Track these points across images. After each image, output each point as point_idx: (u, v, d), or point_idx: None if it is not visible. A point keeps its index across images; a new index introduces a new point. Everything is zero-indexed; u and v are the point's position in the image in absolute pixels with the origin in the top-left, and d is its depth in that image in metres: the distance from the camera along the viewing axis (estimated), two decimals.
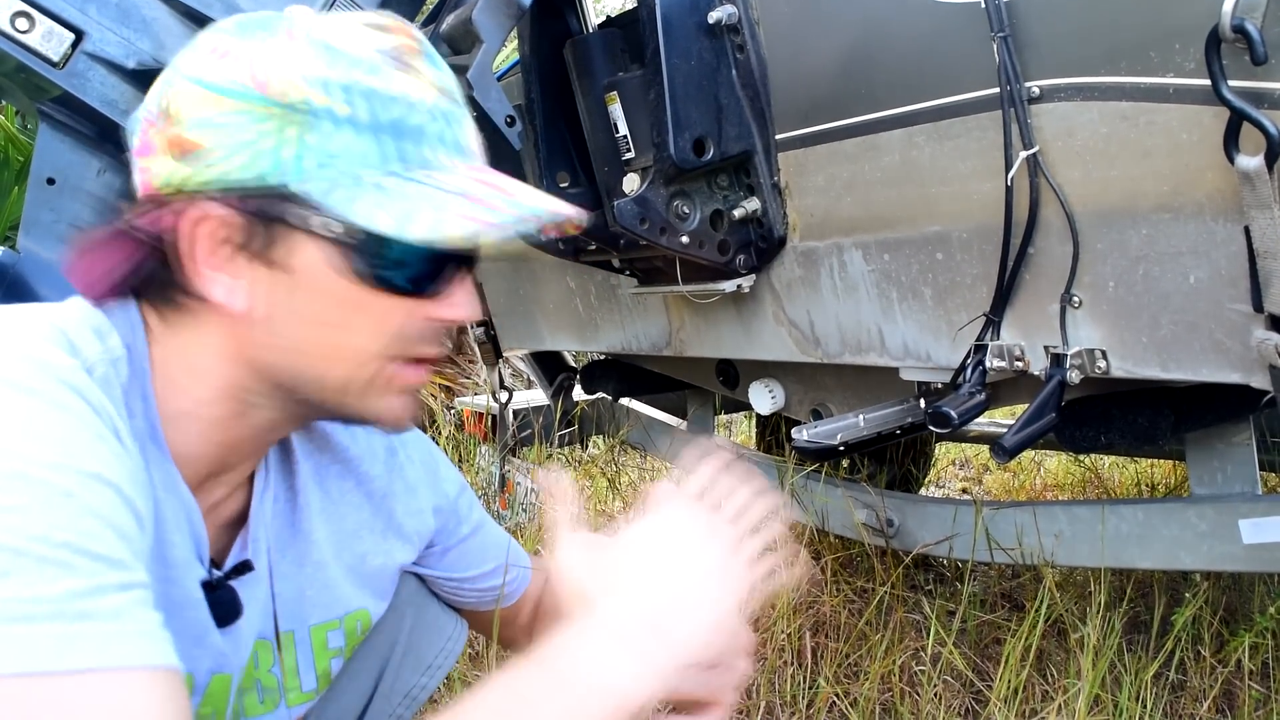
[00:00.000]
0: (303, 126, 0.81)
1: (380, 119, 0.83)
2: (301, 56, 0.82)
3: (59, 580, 0.65)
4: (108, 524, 0.70)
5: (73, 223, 1.49)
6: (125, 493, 0.73)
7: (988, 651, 2.22)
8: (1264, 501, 1.50)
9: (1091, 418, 1.60)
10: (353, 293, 0.85)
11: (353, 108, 0.82)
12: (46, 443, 0.70)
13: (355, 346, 0.88)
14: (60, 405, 0.73)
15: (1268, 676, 1.94)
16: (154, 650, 0.68)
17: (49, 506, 0.67)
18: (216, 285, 0.84)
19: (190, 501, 0.91)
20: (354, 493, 1.12)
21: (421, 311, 0.88)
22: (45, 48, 1.41)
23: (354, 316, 0.87)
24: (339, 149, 0.82)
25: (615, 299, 2.27)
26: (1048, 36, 1.29)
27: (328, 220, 0.82)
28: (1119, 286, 1.32)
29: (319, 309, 0.86)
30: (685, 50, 1.63)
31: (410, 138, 0.85)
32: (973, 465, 4.57)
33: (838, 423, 1.55)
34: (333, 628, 1.11)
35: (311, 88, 0.81)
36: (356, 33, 0.85)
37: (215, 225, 0.83)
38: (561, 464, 3.36)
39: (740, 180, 1.76)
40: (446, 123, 0.88)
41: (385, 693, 1.26)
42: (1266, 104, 1.09)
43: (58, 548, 0.66)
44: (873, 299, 1.65)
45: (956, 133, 1.42)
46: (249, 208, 0.82)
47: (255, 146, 0.81)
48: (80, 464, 0.71)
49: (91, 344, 0.83)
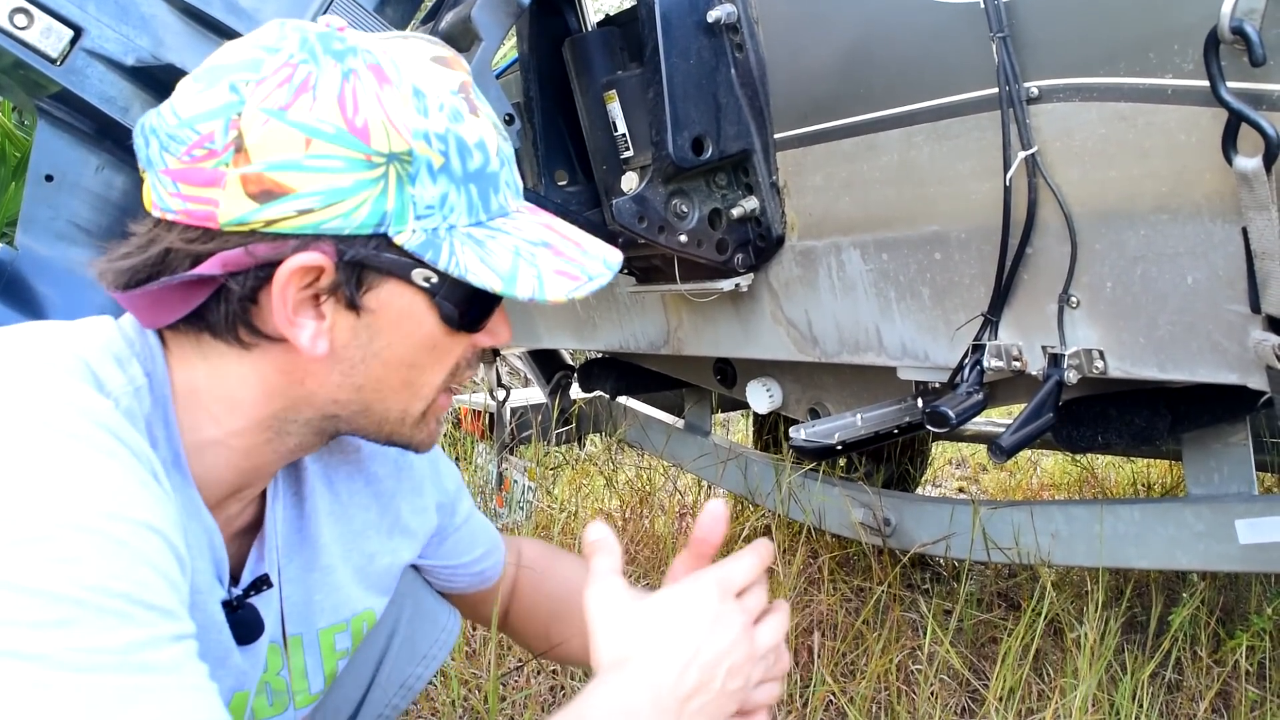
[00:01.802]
0: (404, 177, 0.81)
1: (468, 169, 0.85)
2: (397, 102, 0.81)
3: (119, 631, 0.65)
4: (160, 573, 0.70)
5: (71, 220, 1.49)
6: (171, 539, 0.73)
7: (984, 651, 2.22)
8: (1260, 502, 1.50)
9: (1089, 418, 1.60)
10: (436, 335, 0.89)
11: (447, 159, 0.83)
12: (99, 492, 0.69)
13: (426, 382, 0.92)
14: (108, 452, 0.73)
15: (1264, 677, 1.95)
16: (208, 706, 0.69)
17: (105, 556, 0.67)
18: (303, 331, 0.83)
19: (212, 525, 0.91)
20: (362, 493, 1.12)
21: (472, 342, 0.94)
22: (44, 44, 1.41)
23: (431, 355, 0.91)
24: (436, 200, 0.83)
25: (613, 297, 2.27)
26: (1047, 37, 1.29)
27: (427, 272, 0.85)
28: (1117, 287, 1.32)
29: (402, 351, 0.89)
30: (684, 49, 1.63)
31: (490, 185, 0.87)
32: (970, 464, 4.57)
33: (835, 422, 1.56)
34: (340, 630, 1.12)
35: (415, 140, 0.81)
36: (431, 72, 0.86)
37: (311, 274, 0.82)
38: (558, 461, 3.36)
39: (739, 179, 1.76)
40: (509, 167, 0.91)
41: (382, 683, 1.27)
42: (1265, 105, 1.09)
43: (116, 598, 0.66)
44: (871, 298, 1.65)
45: (955, 133, 1.42)
46: (348, 257, 0.82)
47: (356, 196, 0.80)
48: (132, 513, 0.70)
49: (114, 375, 0.83)
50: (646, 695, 0.81)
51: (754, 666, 0.90)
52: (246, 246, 0.80)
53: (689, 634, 0.86)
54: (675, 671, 0.83)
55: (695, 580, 0.91)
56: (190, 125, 0.80)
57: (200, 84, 0.81)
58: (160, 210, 0.83)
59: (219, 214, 0.80)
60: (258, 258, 0.80)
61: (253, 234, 0.80)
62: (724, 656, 0.87)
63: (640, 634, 0.86)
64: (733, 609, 0.90)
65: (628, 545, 2.55)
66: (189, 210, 0.81)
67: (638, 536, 2.60)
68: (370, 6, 1.53)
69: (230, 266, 0.80)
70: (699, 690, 0.84)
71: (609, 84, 1.74)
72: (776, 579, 2.22)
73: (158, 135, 0.82)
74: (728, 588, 0.91)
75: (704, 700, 0.84)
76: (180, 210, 0.81)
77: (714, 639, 0.87)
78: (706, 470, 2.58)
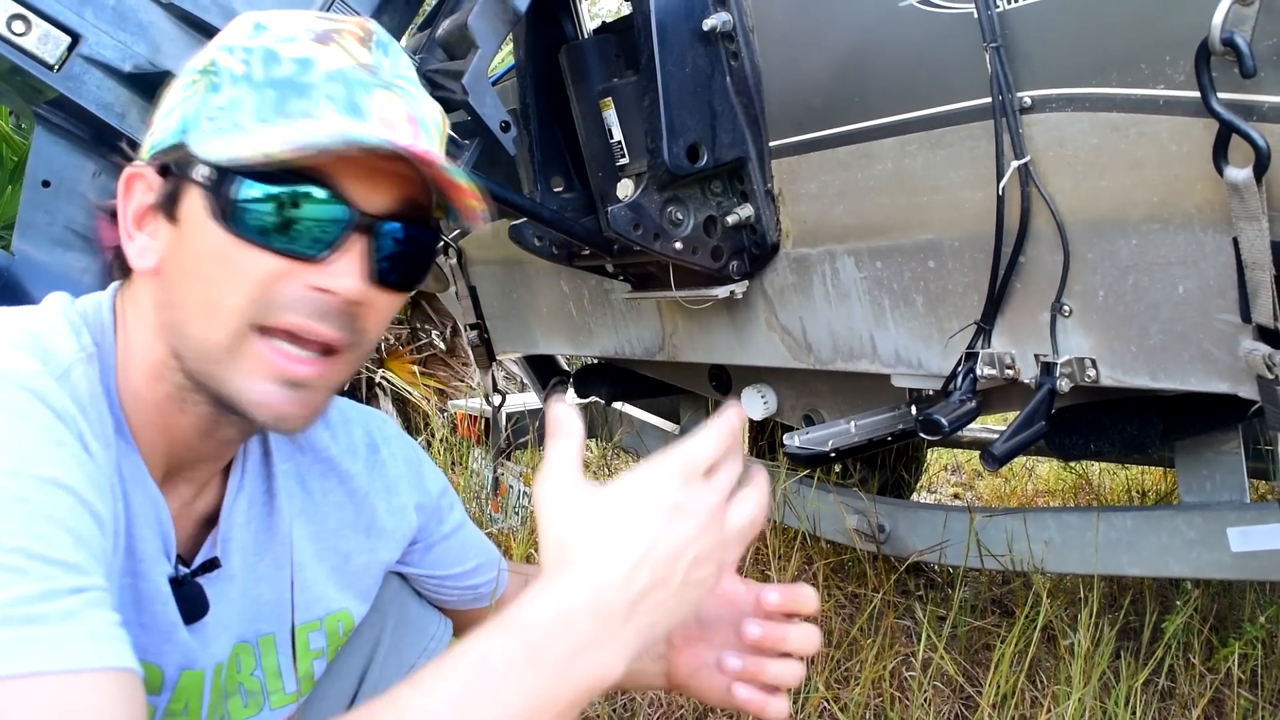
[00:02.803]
0: (208, 88, 0.85)
1: (272, 76, 0.84)
2: (231, 31, 0.87)
3: (10, 586, 0.64)
4: (63, 528, 0.70)
5: (68, 225, 1.49)
6: (83, 496, 0.73)
7: (978, 657, 2.22)
8: (1252, 510, 1.51)
9: (1081, 426, 1.61)
10: (225, 245, 0.83)
11: (249, 67, 0.84)
12: (1, 450, 0.70)
13: (223, 306, 0.83)
14: (17, 411, 0.73)
15: (1257, 685, 1.95)
16: (105, 651, 0.67)
17: (3, 512, 0.67)
18: (133, 244, 0.88)
19: (157, 496, 0.91)
20: (336, 491, 1.12)
21: (296, 276, 0.84)
22: (41, 51, 1.41)
23: (223, 270, 0.84)
24: (226, 103, 0.84)
25: (609, 304, 2.27)
26: (1040, 47, 1.30)
27: (202, 166, 0.84)
28: (1109, 296, 1.33)
29: (196, 261, 0.85)
30: (680, 57, 1.63)
31: (295, 92, 0.83)
32: (964, 471, 4.58)
33: (829, 429, 1.56)
34: (314, 629, 1.11)
35: (220, 52, 0.85)
36: (295, 17, 0.88)
37: (138, 185, 0.88)
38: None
39: (734, 187, 1.77)
40: (346, 86, 0.84)
41: (368, 692, 1.25)
42: (1255, 116, 1.10)
43: (10, 553, 0.65)
44: (865, 306, 1.66)
45: (949, 141, 1.42)
46: (158, 165, 0.87)
47: (174, 112, 0.87)
48: (35, 469, 0.70)
49: (67, 344, 0.85)
50: (586, 598, 0.75)
51: (726, 550, 0.82)
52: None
53: (642, 527, 0.77)
54: (624, 570, 0.76)
55: (654, 465, 0.82)
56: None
57: None
58: None
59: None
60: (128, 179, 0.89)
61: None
62: (686, 547, 0.79)
63: (587, 530, 0.78)
64: (698, 492, 0.81)
65: None
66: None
67: None
68: (367, 14, 1.53)
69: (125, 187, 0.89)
70: (654, 588, 0.77)
71: (605, 91, 1.75)
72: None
73: None
74: (692, 469, 0.82)
75: (661, 597, 0.77)
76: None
77: (673, 530, 0.78)
78: None
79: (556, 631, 0.73)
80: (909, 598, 2.56)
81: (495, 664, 0.71)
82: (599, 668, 0.74)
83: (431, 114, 0.91)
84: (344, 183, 0.84)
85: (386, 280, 0.88)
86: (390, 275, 0.88)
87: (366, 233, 0.85)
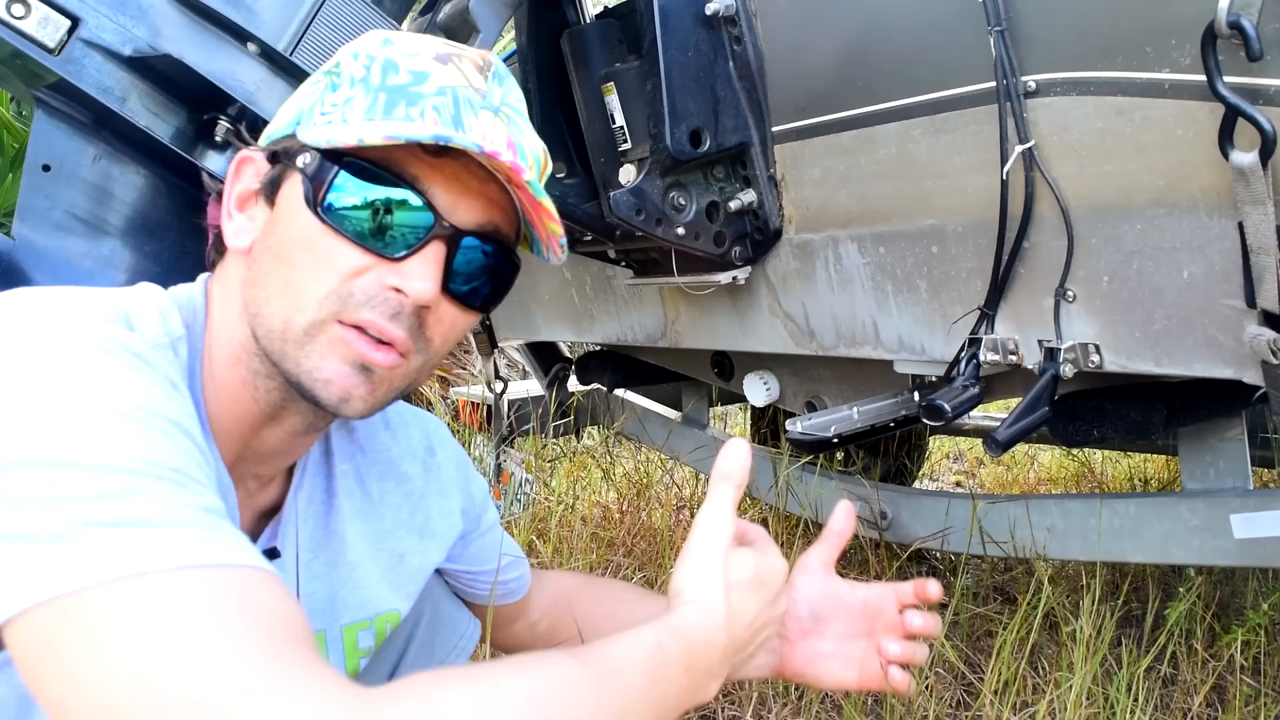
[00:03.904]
0: (328, 87, 0.90)
1: (387, 82, 0.88)
2: (362, 41, 0.92)
3: (178, 493, 0.68)
4: (195, 463, 0.72)
5: (68, 210, 1.49)
6: (197, 440, 0.76)
7: (980, 644, 2.22)
8: (1255, 496, 1.50)
9: (1085, 412, 1.60)
10: (314, 232, 0.87)
11: (368, 71, 0.89)
12: (135, 391, 0.72)
13: (305, 290, 0.86)
14: (134, 366, 0.76)
15: (1259, 671, 1.95)
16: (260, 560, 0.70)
17: (150, 439, 0.70)
18: (231, 223, 0.93)
19: (227, 482, 0.92)
20: (394, 492, 1.13)
21: (375, 272, 0.87)
22: (41, 34, 1.40)
23: (309, 256, 0.87)
24: (341, 100, 0.89)
25: (611, 290, 2.27)
26: (1044, 31, 1.29)
27: (305, 154, 0.89)
28: (1113, 281, 1.32)
29: (286, 245, 0.88)
30: (682, 42, 1.62)
31: (405, 99, 0.88)
32: (967, 459, 4.57)
33: (832, 415, 1.56)
34: (364, 628, 1.12)
35: (346, 56, 0.91)
36: (423, 39, 0.93)
37: (247, 169, 0.93)
38: (556, 454, 3.36)
39: (736, 172, 1.76)
40: (454, 102, 0.88)
41: None
42: (1261, 100, 1.09)
43: (171, 470, 0.69)
44: (868, 292, 1.65)
45: (953, 126, 1.42)
46: (269, 152, 0.92)
47: (293, 104, 0.93)
48: (164, 410, 0.73)
49: (152, 324, 0.87)
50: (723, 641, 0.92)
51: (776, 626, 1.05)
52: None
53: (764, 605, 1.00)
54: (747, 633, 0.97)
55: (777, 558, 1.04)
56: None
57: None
58: None
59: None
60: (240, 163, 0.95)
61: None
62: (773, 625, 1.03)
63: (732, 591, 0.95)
64: (784, 598, 1.06)
65: (624, 537, 2.55)
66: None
67: (635, 529, 2.60)
68: None
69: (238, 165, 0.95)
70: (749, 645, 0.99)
71: (607, 76, 1.74)
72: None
73: None
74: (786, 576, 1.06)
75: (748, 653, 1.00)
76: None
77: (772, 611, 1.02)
78: (704, 463, 2.58)
79: (703, 653, 0.89)
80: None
81: (667, 654, 0.85)
82: (707, 693, 0.91)
83: (534, 146, 0.96)
84: (434, 191, 0.89)
85: (458, 292, 0.92)
86: (462, 288, 0.92)
87: (446, 242, 0.89)
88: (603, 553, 2.43)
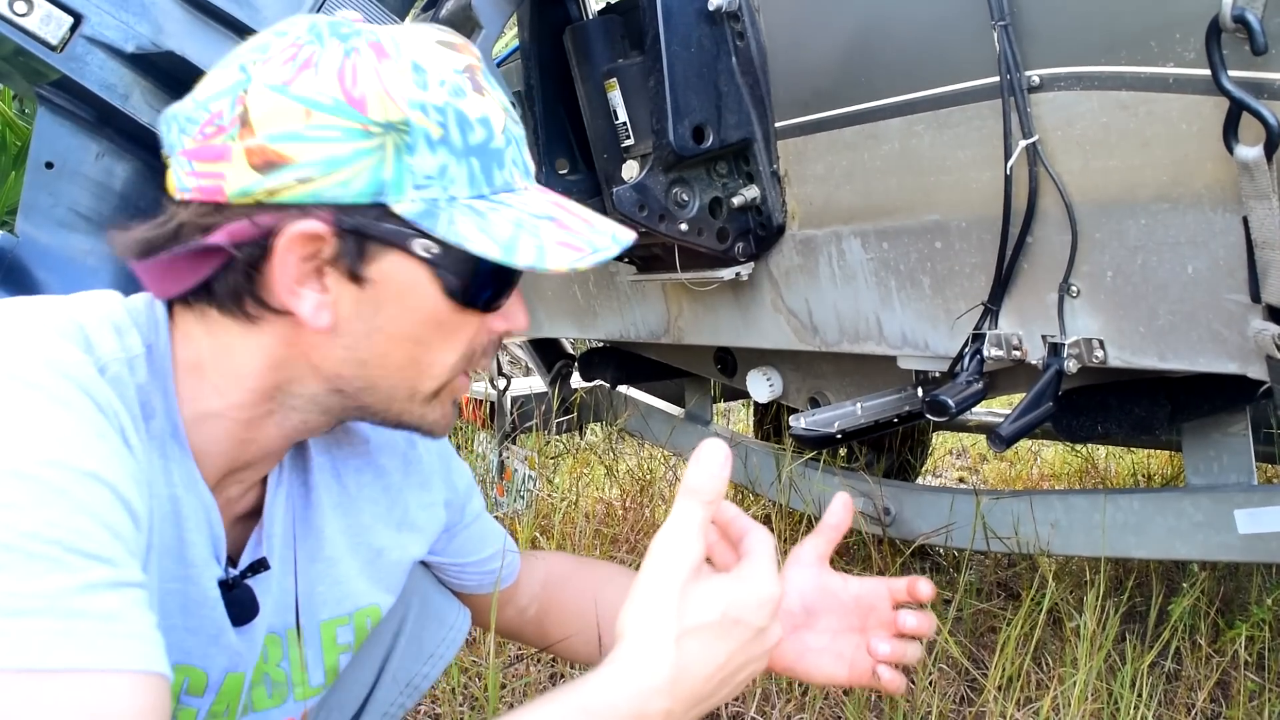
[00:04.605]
0: (401, 147, 0.82)
1: (469, 143, 0.85)
2: (395, 75, 0.82)
3: (49, 576, 0.64)
4: (101, 522, 0.69)
5: (71, 207, 1.49)
6: (121, 492, 0.72)
7: (984, 640, 2.22)
8: (1259, 492, 1.50)
9: (1089, 407, 1.60)
10: (442, 310, 0.88)
11: (445, 130, 0.83)
12: (43, 440, 0.69)
13: (435, 361, 0.91)
14: (62, 402, 0.72)
15: (1263, 667, 1.95)
16: (144, 654, 0.67)
17: (42, 504, 0.66)
18: (304, 301, 0.84)
19: (210, 501, 0.91)
20: (371, 485, 1.12)
21: (487, 325, 0.93)
22: (44, 31, 1.40)
23: (438, 333, 0.89)
24: (435, 170, 0.83)
25: (614, 286, 2.27)
26: (1048, 25, 1.29)
27: (428, 242, 0.84)
28: (1117, 276, 1.32)
29: (406, 325, 0.88)
30: (685, 37, 1.62)
31: (494, 161, 0.87)
32: (970, 454, 4.57)
33: (835, 411, 1.56)
34: (342, 623, 1.11)
35: (411, 110, 0.81)
36: (435, 52, 0.86)
37: (311, 243, 0.82)
38: (559, 450, 3.36)
39: (739, 168, 1.76)
40: (517, 146, 0.90)
41: (388, 681, 1.26)
42: (1266, 94, 1.09)
43: (49, 544, 0.65)
44: (871, 287, 1.65)
45: (956, 121, 1.42)
46: (347, 226, 0.82)
47: (354, 164, 0.81)
48: (76, 462, 0.70)
49: (108, 341, 0.83)
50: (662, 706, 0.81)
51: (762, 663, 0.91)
52: (251, 218, 0.81)
53: (731, 649, 0.85)
54: (704, 689, 0.84)
55: (762, 587, 0.88)
56: (203, 105, 0.83)
57: (215, 70, 0.85)
58: (179, 191, 0.85)
59: (225, 187, 0.81)
60: (261, 227, 0.81)
61: (258, 205, 0.81)
62: (754, 664, 0.89)
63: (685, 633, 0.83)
64: (777, 627, 0.90)
65: (628, 534, 2.55)
66: (200, 187, 0.82)
67: (638, 525, 2.61)
68: None
69: (235, 237, 0.81)
70: (714, 695, 0.85)
71: (610, 72, 1.74)
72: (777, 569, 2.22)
73: (177, 120, 0.85)
74: (776, 604, 0.89)
75: (715, 700, 0.86)
76: (194, 188, 0.83)
77: (750, 650, 0.87)
78: None
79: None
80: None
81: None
82: None
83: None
84: None
85: None
86: None
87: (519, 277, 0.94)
88: (606, 549, 2.43)
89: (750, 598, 0.87)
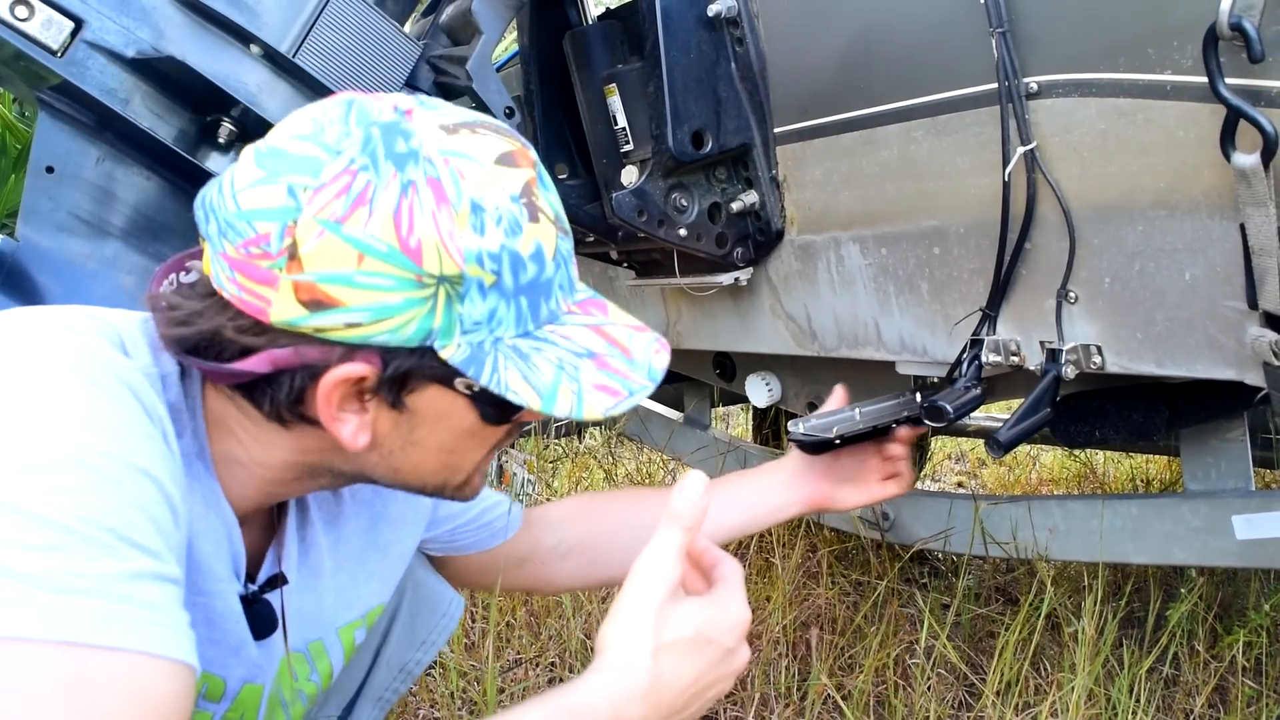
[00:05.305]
0: (454, 297, 0.81)
1: (520, 283, 0.84)
2: (452, 222, 0.79)
3: (102, 561, 0.68)
4: (149, 517, 0.73)
5: (71, 211, 1.49)
6: (166, 490, 0.76)
7: (982, 645, 2.22)
8: (1257, 497, 1.50)
9: (1087, 413, 1.60)
10: (479, 428, 0.92)
11: (499, 277, 0.83)
12: (103, 433, 0.73)
13: (466, 460, 0.96)
14: (118, 401, 0.76)
15: (1260, 673, 1.95)
16: (179, 645, 0.71)
17: (99, 492, 0.70)
18: (345, 426, 0.86)
19: (232, 519, 0.94)
20: (362, 489, 1.14)
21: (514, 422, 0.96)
22: (44, 36, 1.41)
23: (471, 441, 0.93)
24: (483, 316, 0.83)
25: (612, 291, 2.27)
26: (1046, 32, 1.29)
27: (469, 381, 0.85)
28: (1115, 282, 1.32)
29: (441, 440, 0.92)
30: (684, 43, 1.63)
31: (543, 294, 0.87)
32: (969, 460, 4.57)
33: (834, 416, 1.55)
34: (358, 626, 1.15)
35: (468, 263, 0.80)
36: (494, 177, 0.82)
37: (356, 382, 0.84)
38: (558, 454, 3.36)
39: (738, 173, 1.77)
40: (565, 267, 0.90)
41: (382, 666, 1.29)
42: (1263, 102, 1.09)
43: (104, 531, 0.69)
44: (870, 293, 1.65)
45: (954, 128, 1.42)
46: (391, 369, 0.83)
47: (404, 313, 0.80)
48: (130, 457, 0.74)
49: (142, 353, 0.86)
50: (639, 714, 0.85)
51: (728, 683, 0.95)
52: (296, 348, 0.82)
53: (702, 668, 0.90)
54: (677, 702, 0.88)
55: (733, 611, 0.93)
56: (248, 220, 0.79)
57: (262, 172, 0.80)
58: (217, 285, 0.84)
59: (270, 312, 0.81)
60: (305, 360, 0.82)
61: (302, 337, 0.81)
62: (721, 683, 0.93)
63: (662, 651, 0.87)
64: (745, 649, 0.95)
65: None
66: (243, 300, 0.81)
67: None
68: (372, 0, 1.53)
69: (279, 365, 0.82)
70: (685, 709, 0.90)
71: (609, 78, 1.74)
72: (775, 574, 2.23)
73: (217, 217, 0.82)
74: (745, 628, 0.95)
75: (686, 714, 0.90)
76: (235, 296, 0.82)
77: (719, 670, 0.92)
78: (706, 463, 2.58)
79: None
80: (913, 585, 2.57)
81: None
82: None
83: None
84: None
85: None
86: None
87: None
88: None
89: (723, 620, 0.92)
